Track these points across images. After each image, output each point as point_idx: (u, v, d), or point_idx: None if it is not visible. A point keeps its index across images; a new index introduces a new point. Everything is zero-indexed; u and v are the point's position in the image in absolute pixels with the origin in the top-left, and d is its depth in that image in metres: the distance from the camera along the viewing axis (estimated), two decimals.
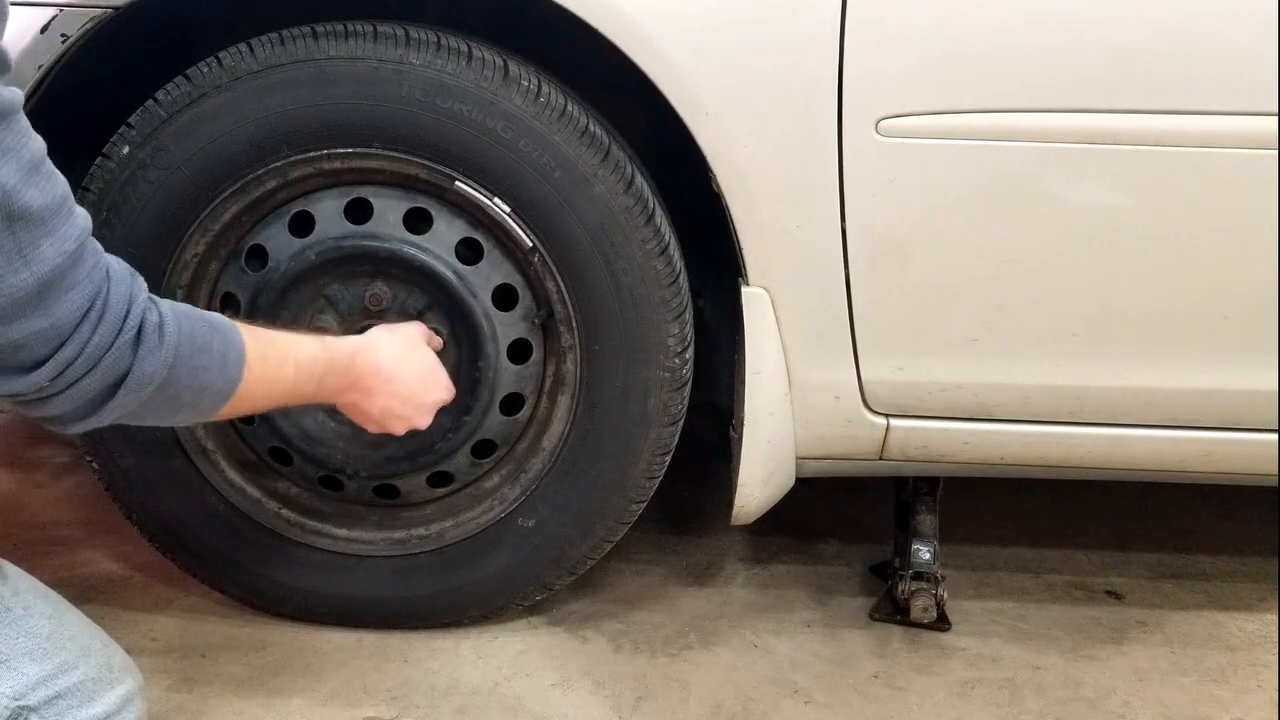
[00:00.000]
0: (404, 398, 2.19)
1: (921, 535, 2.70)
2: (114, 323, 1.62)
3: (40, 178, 1.54)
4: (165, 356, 1.67)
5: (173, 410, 1.76)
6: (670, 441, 2.47)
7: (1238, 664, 2.62)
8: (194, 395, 1.75)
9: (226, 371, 1.79)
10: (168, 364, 1.67)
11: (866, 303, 2.32)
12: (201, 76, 2.26)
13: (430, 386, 2.25)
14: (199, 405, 1.79)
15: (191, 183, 2.29)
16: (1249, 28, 2.14)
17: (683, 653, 2.62)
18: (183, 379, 1.71)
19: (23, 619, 1.74)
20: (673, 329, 2.36)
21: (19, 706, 1.70)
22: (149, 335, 1.66)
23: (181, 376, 1.71)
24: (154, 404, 1.70)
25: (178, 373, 1.69)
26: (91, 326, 1.59)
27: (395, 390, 2.17)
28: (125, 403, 1.66)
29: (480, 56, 2.24)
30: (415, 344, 2.25)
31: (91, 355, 1.59)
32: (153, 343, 1.66)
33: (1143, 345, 2.35)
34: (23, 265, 1.52)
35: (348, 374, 2.09)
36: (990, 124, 2.19)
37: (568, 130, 2.26)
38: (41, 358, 1.57)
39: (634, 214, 2.30)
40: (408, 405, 2.20)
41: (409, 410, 2.21)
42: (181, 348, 1.70)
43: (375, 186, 2.36)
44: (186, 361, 1.71)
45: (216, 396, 1.79)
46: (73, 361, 1.58)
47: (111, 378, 1.63)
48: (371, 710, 2.41)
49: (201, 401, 1.78)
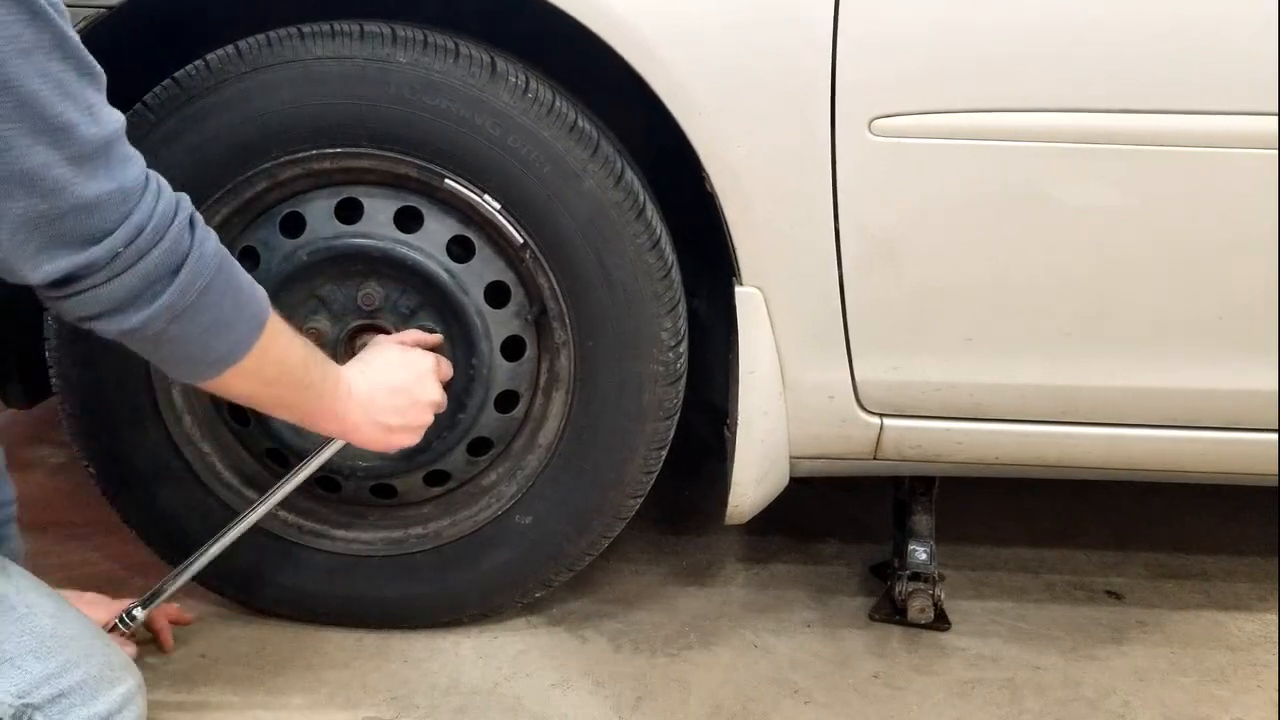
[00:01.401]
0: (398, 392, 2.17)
1: (918, 535, 2.70)
2: (170, 204, 1.69)
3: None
4: (217, 247, 1.74)
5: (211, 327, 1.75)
6: (666, 436, 2.48)
7: (1238, 664, 2.61)
8: (234, 313, 1.77)
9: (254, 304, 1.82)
10: (220, 254, 1.73)
11: (860, 302, 2.32)
12: (189, 79, 2.28)
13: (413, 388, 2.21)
14: (234, 329, 1.78)
15: (181, 186, 2.26)
16: (1249, 28, 2.14)
17: (683, 653, 2.62)
18: (227, 286, 1.75)
19: (26, 617, 1.75)
20: (666, 323, 2.37)
21: (23, 704, 1.72)
22: (200, 225, 1.73)
23: (225, 283, 1.74)
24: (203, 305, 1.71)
25: (223, 276, 1.74)
26: (153, 198, 1.66)
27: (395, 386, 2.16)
28: (184, 286, 1.67)
29: (467, 54, 2.24)
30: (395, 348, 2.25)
31: (159, 225, 1.65)
32: (206, 232, 1.73)
33: (1139, 345, 2.35)
34: (92, 120, 1.58)
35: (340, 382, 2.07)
36: (984, 124, 2.20)
37: (556, 126, 2.26)
38: (112, 224, 1.61)
39: (624, 208, 2.30)
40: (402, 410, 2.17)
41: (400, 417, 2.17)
42: (224, 254, 1.76)
43: (365, 186, 2.37)
44: (230, 267, 1.77)
45: (250, 325, 1.80)
46: (142, 229, 1.63)
47: (176, 256, 1.67)
48: (371, 710, 2.41)
49: (237, 325, 1.78)
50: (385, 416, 2.14)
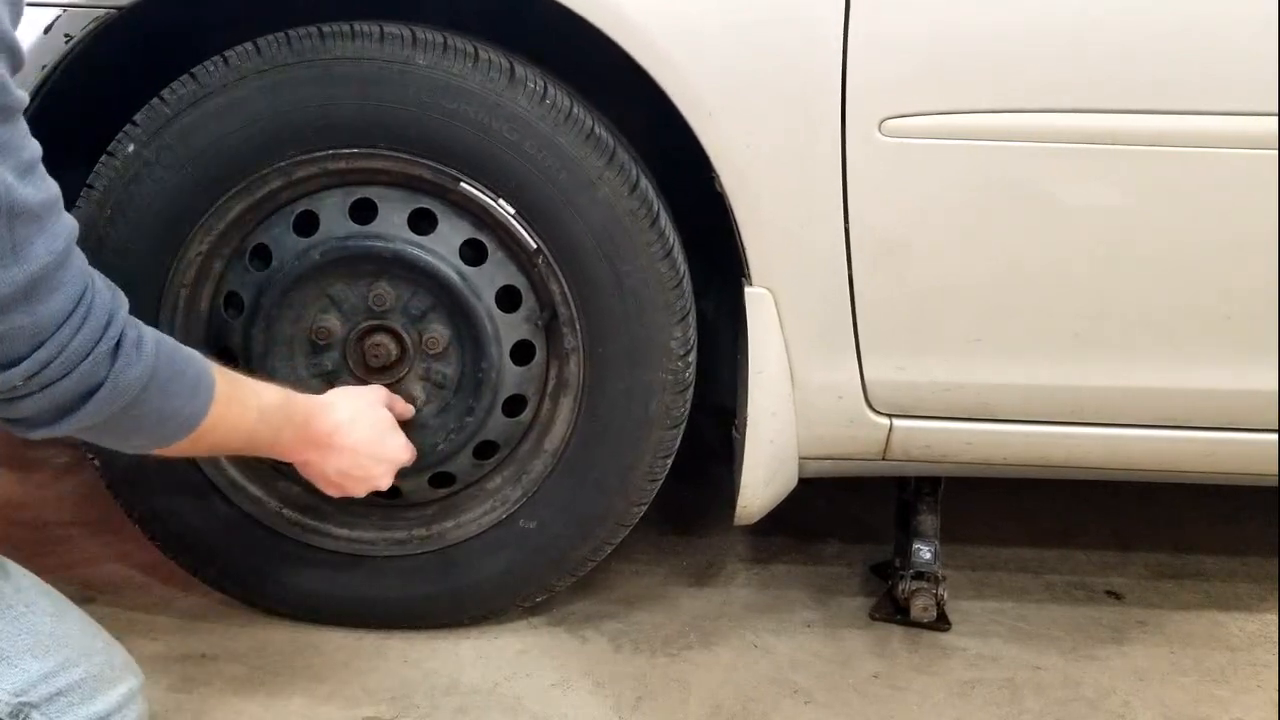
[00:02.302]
0: (360, 457, 2.20)
1: (922, 535, 2.70)
2: (94, 330, 1.63)
3: (36, 177, 1.56)
4: (141, 372, 1.68)
5: (133, 431, 1.76)
6: (672, 444, 2.47)
7: (1238, 664, 2.62)
8: (159, 419, 1.76)
9: (195, 401, 1.80)
10: (142, 381, 1.68)
11: (870, 303, 2.32)
12: (208, 75, 2.26)
13: (386, 447, 2.26)
14: (161, 431, 1.79)
15: (196, 181, 2.29)
16: (1249, 28, 2.14)
17: (683, 653, 2.61)
18: (153, 400, 1.72)
19: (25, 616, 1.74)
20: (676, 332, 2.36)
21: (20, 703, 1.70)
22: (128, 349, 1.67)
23: (152, 397, 1.72)
24: (119, 421, 1.70)
25: (149, 392, 1.70)
26: (72, 330, 1.60)
27: (349, 450, 2.18)
28: (93, 413, 1.66)
29: (486, 58, 2.24)
30: (374, 405, 2.27)
31: (69, 360, 1.60)
32: (130, 357, 1.67)
33: (1144, 345, 2.35)
34: (14, 261, 1.53)
35: (305, 429, 2.10)
36: (994, 124, 2.20)
37: (573, 132, 2.26)
38: (19, 355, 1.57)
39: (639, 217, 2.30)
40: (365, 465, 2.22)
41: (367, 470, 2.22)
42: (158, 368, 1.71)
43: (380, 187, 2.36)
44: (160, 382, 1.72)
45: (181, 425, 1.80)
46: (49, 363, 1.59)
47: (85, 385, 1.63)
48: (371, 710, 2.40)
49: (164, 428, 1.79)
50: (332, 474, 2.20)
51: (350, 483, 2.22)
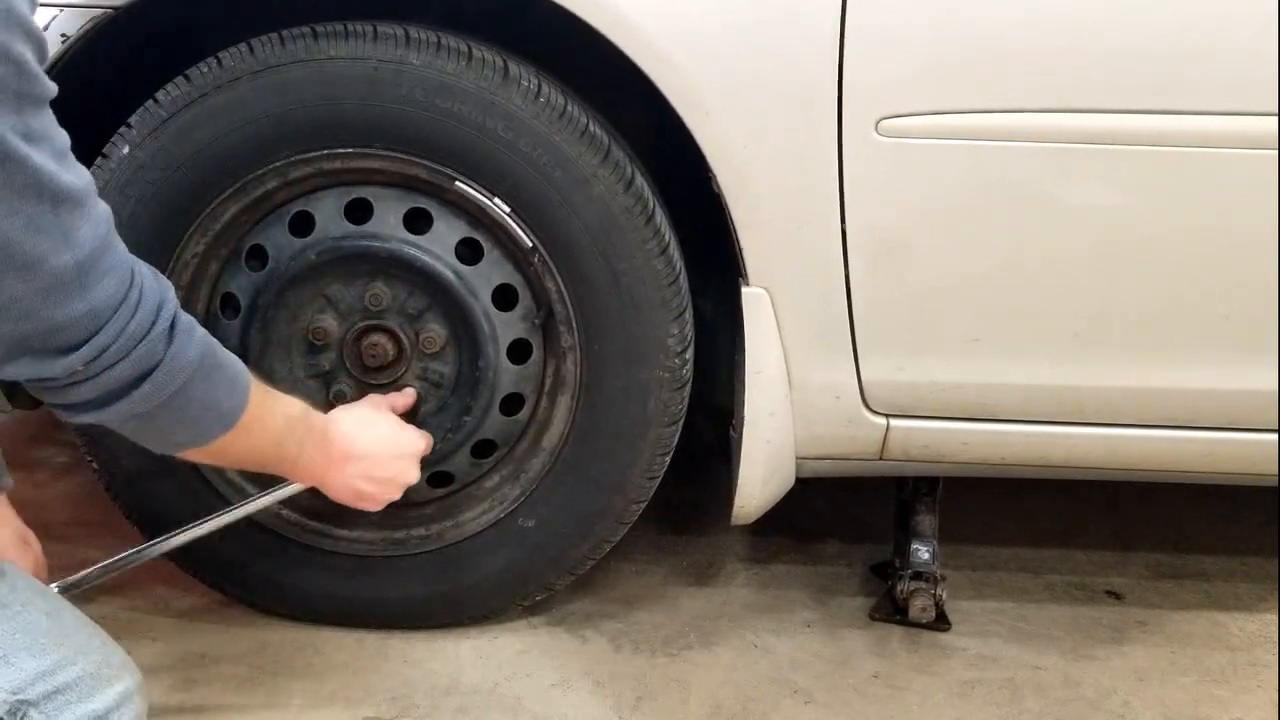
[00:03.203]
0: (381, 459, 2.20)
1: (921, 535, 2.70)
2: (149, 312, 1.63)
3: (71, 163, 1.55)
4: (194, 354, 1.69)
5: (176, 423, 1.75)
6: (670, 442, 2.47)
7: (1238, 664, 2.62)
8: (201, 410, 1.76)
9: (234, 395, 1.80)
10: (194, 364, 1.69)
11: (867, 303, 2.32)
12: (201, 76, 2.26)
13: (403, 441, 2.26)
14: (201, 424, 1.78)
15: (191, 183, 2.30)
16: (1249, 28, 2.14)
17: (683, 653, 2.62)
18: (198, 389, 1.72)
19: (21, 614, 1.74)
20: (673, 329, 2.36)
21: (18, 701, 1.70)
22: (181, 332, 1.68)
23: (198, 385, 1.71)
24: (168, 408, 1.69)
25: (196, 379, 1.70)
26: (129, 313, 1.60)
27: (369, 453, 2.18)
28: (147, 396, 1.65)
29: (480, 57, 2.24)
30: (375, 409, 2.28)
31: (126, 343, 1.60)
32: (185, 339, 1.68)
33: (1143, 345, 2.35)
34: (65, 247, 1.53)
35: (324, 443, 2.09)
36: (991, 124, 2.20)
37: (568, 130, 2.26)
38: (78, 341, 1.58)
39: (634, 214, 2.30)
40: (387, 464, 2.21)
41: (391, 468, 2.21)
42: (207, 354, 1.72)
43: (375, 187, 2.36)
44: (207, 372, 1.73)
45: (221, 419, 1.79)
46: (108, 347, 1.59)
47: (143, 368, 1.63)
48: (371, 710, 2.41)
49: (205, 420, 1.78)
50: (361, 484, 2.17)
51: (380, 487, 2.20)
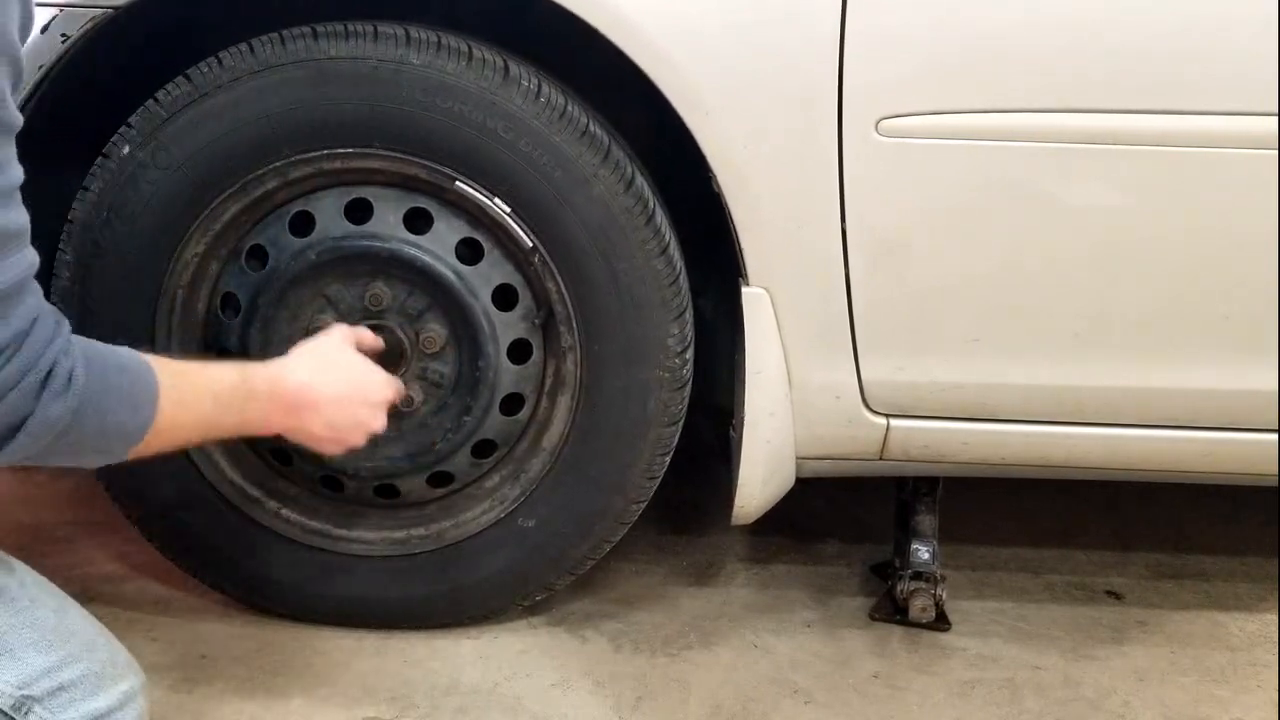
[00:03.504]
0: (343, 406, 2.07)
1: (921, 535, 2.70)
2: (25, 363, 1.57)
3: (11, 204, 1.54)
4: (70, 403, 1.62)
5: (76, 454, 1.71)
6: (670, 442, 2.47)
7: (1238, 664, 2.62)
8: (101, 440, 1.71)
9: (138, 415, 1.73)
10: (72, 410, 1.62)
11: (867, 303, 2.32)
12: (202, 76, 2.27)
13: (368, 387, 2.13)
14: (108, 449, 1.73)
15: (192, 183, 2.30)
16: (1249, 28, 2.14)
17: (683, 653, 2.62)
18: (90, 425, 1.65)
19: (29, 610, 1.74)
20: (673, 329, 2.36)
21: (23, 696, 1.70)
22: (57, 381, 1.61)
23: (89, 422, 1.65)
24: (58, 448, 1.65)
25: (84, 419, 1.64)
26: (3, 360, 1.55)
27: (331, 399, 2.06)
28: (25, 445, 1.61)
29: (480, 57, 2.24)
30: (336, 349, 2.14)
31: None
32: (58, 388, 1.61)
33: (1143, 345, 2.35)
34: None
35: (272, 399, 1.98)
36: (991, 124, 2.20)
37: (568, 130, 2.26)
38: None
39: (634, 214, 2.30)
40: (350, 411, 2.09)
41: (354, 416, 2.10)
42: (90, 392, 1.64)
43: (375, 186, 2.36)
44: (94, 406, 1.65)
45: (126, 440, 1.74)
46: None
47: (11, 420, 1.58)
48: (371, 710, 2.41)
49: (110, 445, 1.73)
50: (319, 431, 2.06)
51: (343, 434, 2.09)
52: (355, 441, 2.12)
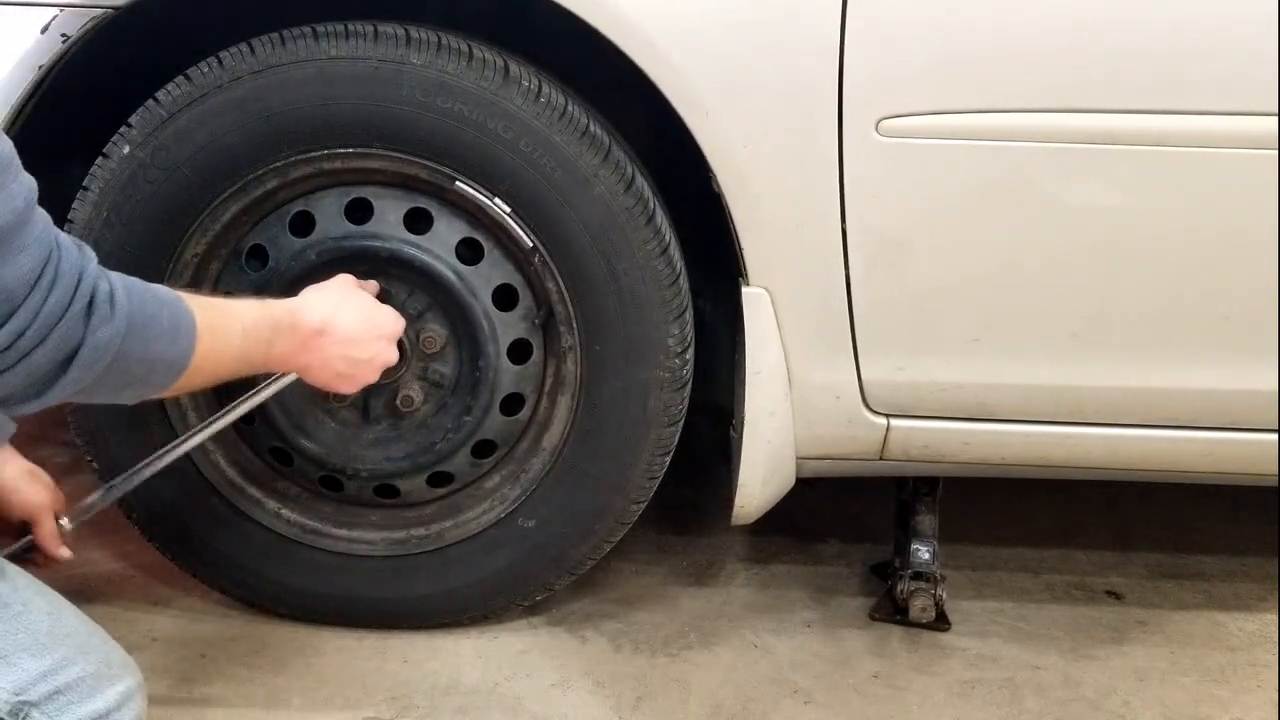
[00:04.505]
0: (356, 341, 2.08)
1: (921, 535, 2.70)
2: (65, 292, 1.55)
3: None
4: (118, 327, 1.61)
5: (124, 385, 1.70)
6: (671, 442, 2.47)
7: (1238, 664, 2.62)
8: (146, 369, 1.69)
9: (179, 343, 1.73)
10: (120, 335, 1.61)
11: (867, 303, 2.32)
12: (202, 76, 2.27)
13: (378, 321, 2.15)
14: (150, 379, 1.72)
15: (192, 182, 2.30)
16: (1249, 28, 2.14)
17: (683, 653, 2.62)
18: (135, 352, 1.65)
19: (21, 615, 1.74)
20: (673, 329, 2.36)
21: (19, 701, 1.70)
22: (101, 306, 1.60)
23: (134, 350, 1.64)
24: (106, 379, 1.63)
25: (130, 345, 1.63)
26: (43, 295, 1.53)
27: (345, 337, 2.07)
28: (78, 378, 1.59)
29: (481, 57, 2.24)
30: (347, 287, 2.16)
31: (43, 325, 1.53)
32: (105, 313, 1.60)
33: (1143, 345, 2.35)
34: None
35: (294, 334, 1.99)
36: (991, 124, 2.20)
37: (568, 130, 2.26)
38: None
39: (634, 214, 2.30)
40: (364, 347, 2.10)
41: (370, 350, 2.11)
42: (134, 319, 1.63)
43: (376, 186, 2.37)
44: (139, 333, 1.65)
45: (169, 370, 1.73)
46: (23, 332, 1.52)
47: (64, 351, 1.56)
48: (371, 710, 2.41)
49: (154, 375, 1.72)
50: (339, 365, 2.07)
51: (360, 369, 2.11)
52: (369, 377, 2.15)
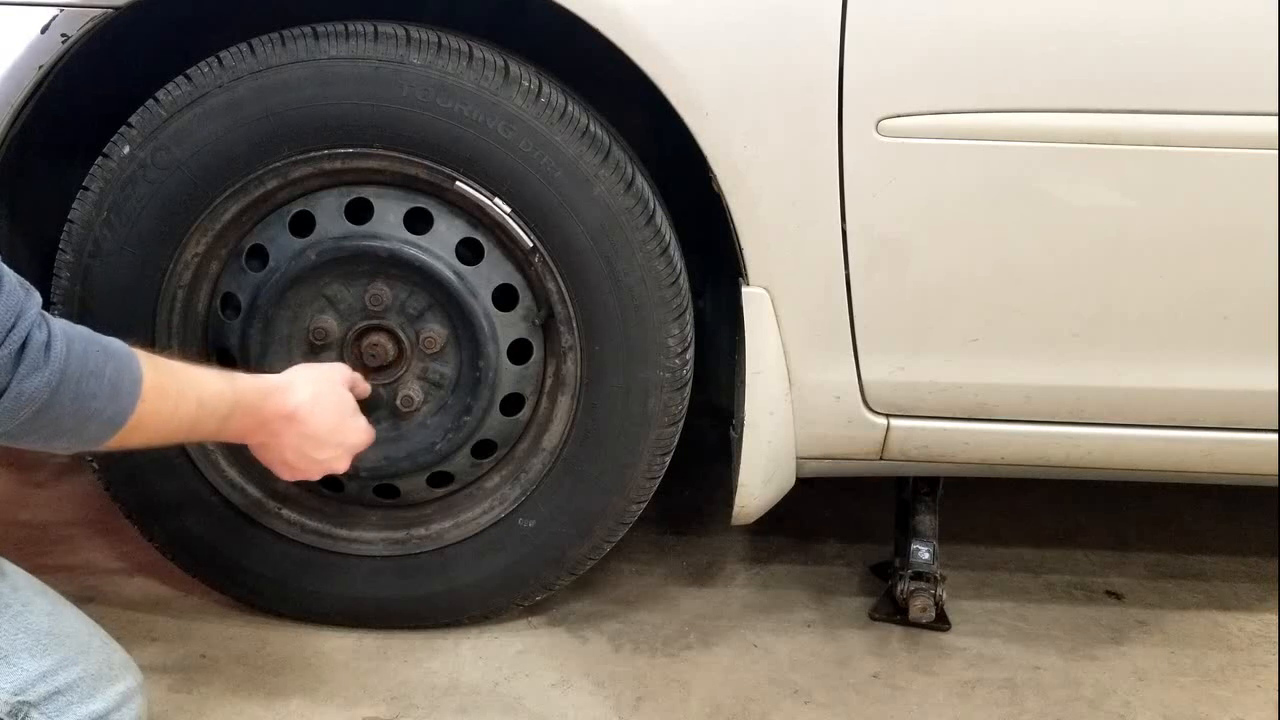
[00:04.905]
0: (318, 441, 2.07)
1: (921, 535, 2.70)
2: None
3: None
4: (49, 378, 1.58)
5: (52, 436, 1.66)
6: (670, 442, 2.47)
7: (1238, 664, 2.62)
8: (77, 422, 1.65)
9: (118, 401, 1.69)
10: (50, 386, 1.58)
11: (867, 302, 2.32)
12: (202, 76, 2.27)
13: (347, 430, 2.13)
14: (82, 433, 1.68)
15: (192, 182, 2.30)
16: (1249, 28, 2.14)
17: (683, 653, 2.62)
18: (66, 404, 1.61)
19: (21, 615, 1.74)
20: (673, 329, 2.36)
21: (19, 702, 1.70)
22: (33, 353, 1.56)
23: (65, 401, 1.60)
24: (31, 428, 1.60)
25: (61, 397, 1.59)
26: None
27: (309, 434, 2.05)
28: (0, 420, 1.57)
29: (481, 57, 2.24)
30: (335, 386, 2.14)
31: None
32: (36, 361, 1.57)
33: (1143, 345, 2.35)
34: None
35: (256, 415, 1.98)
36: (991, 124, 2.20)
37: (568, 131, 2.26)
38: None
39: (634, 214, 2.30)
40: (322, 449, 2.09)
41: (325, 453, 2.09)
42: (69, 370, 1.60)
43: (376, 186, 2.37)
44: (73, 386, 1.61)
45: (104, 426, 1.69)
46: None
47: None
48: (371, 710, 2.41)
49: (86, 429, 1.67)
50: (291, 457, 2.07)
51: (307, 464, 2.09)
52: (312, 475, 2.13)
